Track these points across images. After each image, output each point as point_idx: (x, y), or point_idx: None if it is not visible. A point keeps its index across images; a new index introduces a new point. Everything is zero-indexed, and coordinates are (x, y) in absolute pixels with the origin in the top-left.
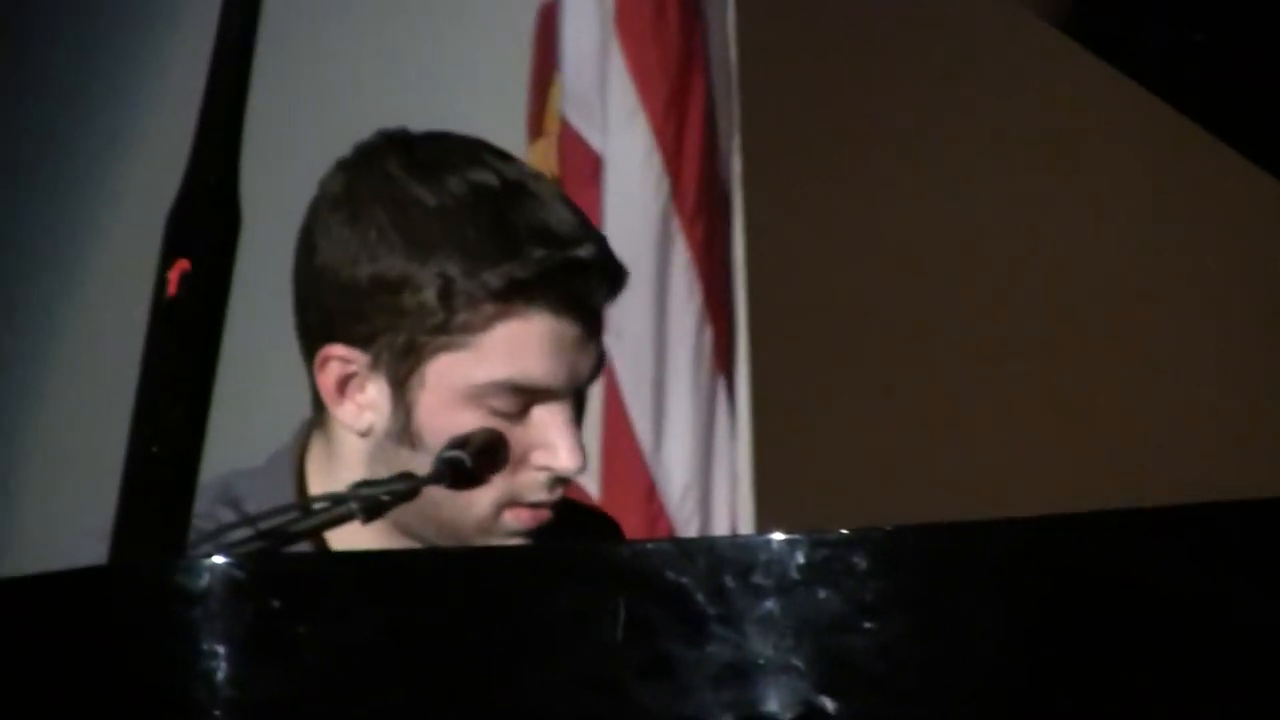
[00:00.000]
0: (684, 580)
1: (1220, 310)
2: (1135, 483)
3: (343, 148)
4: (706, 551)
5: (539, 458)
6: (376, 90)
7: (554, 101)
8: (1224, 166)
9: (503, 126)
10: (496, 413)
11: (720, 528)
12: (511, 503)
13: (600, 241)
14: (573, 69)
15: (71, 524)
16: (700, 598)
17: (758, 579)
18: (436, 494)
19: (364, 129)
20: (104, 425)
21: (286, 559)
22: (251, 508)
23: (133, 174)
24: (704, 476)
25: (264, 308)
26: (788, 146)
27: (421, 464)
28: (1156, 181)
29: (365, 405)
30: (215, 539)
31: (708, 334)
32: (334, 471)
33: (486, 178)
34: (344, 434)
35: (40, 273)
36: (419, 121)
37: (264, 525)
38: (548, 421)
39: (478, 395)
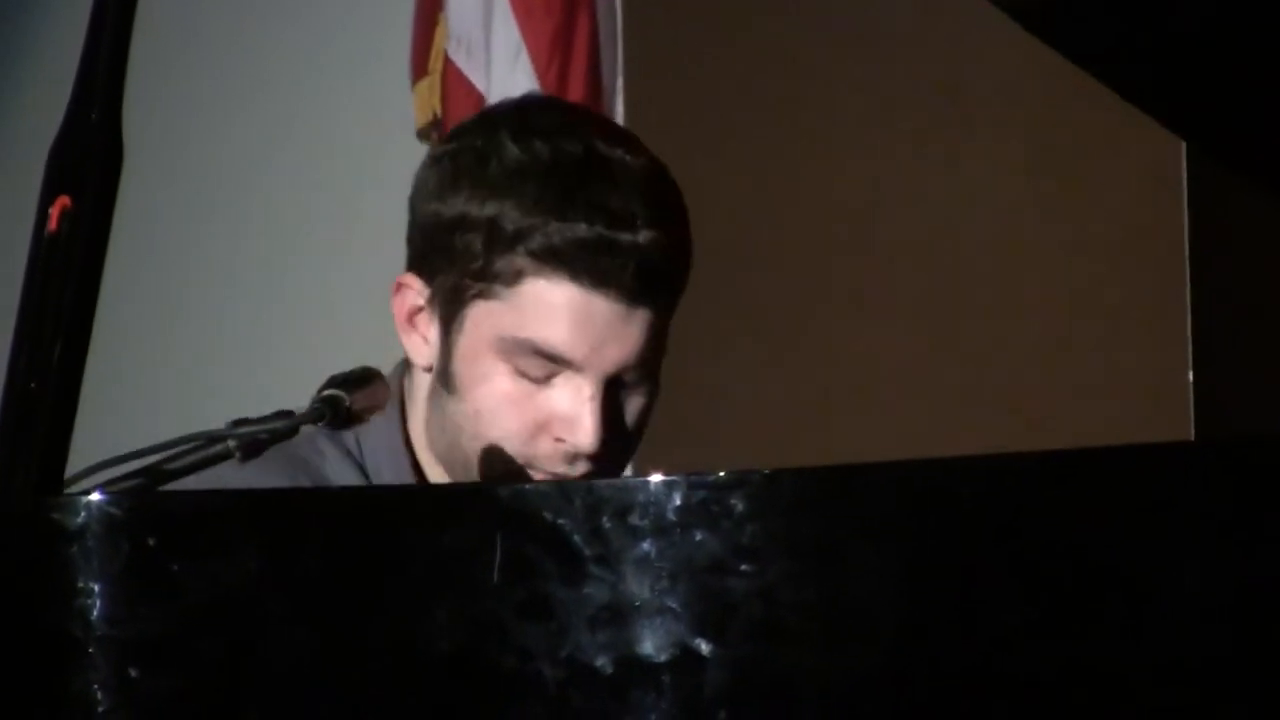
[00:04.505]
0: (562, 521)
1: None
2: (1009, 431)
3: (221, 82)
4: (584, 493)
5: (556, 428)
6: (259, 29)
7: (438, 41)
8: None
9: (387, 66)
10: (520, 373)
11: None
12: (529, 467)
13: (664, 234)
14: (457, 8)
15: None
16: (578, 539)
17: (635, 520)
18: (465, 439)
19: (245, 64)
20: None
21: (163, 496)
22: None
23: (16, 110)
24: None
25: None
26: (671, 89)
27: (457, 409)
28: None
29: (428, 341)
30: (94, 474)
31: None
32: (414, 405)
33: (574, 148)
34: (418, 368)
35: None
36: (300, 58)
37: (143, 463)
38: (569, 394)
39: (503, 350)
